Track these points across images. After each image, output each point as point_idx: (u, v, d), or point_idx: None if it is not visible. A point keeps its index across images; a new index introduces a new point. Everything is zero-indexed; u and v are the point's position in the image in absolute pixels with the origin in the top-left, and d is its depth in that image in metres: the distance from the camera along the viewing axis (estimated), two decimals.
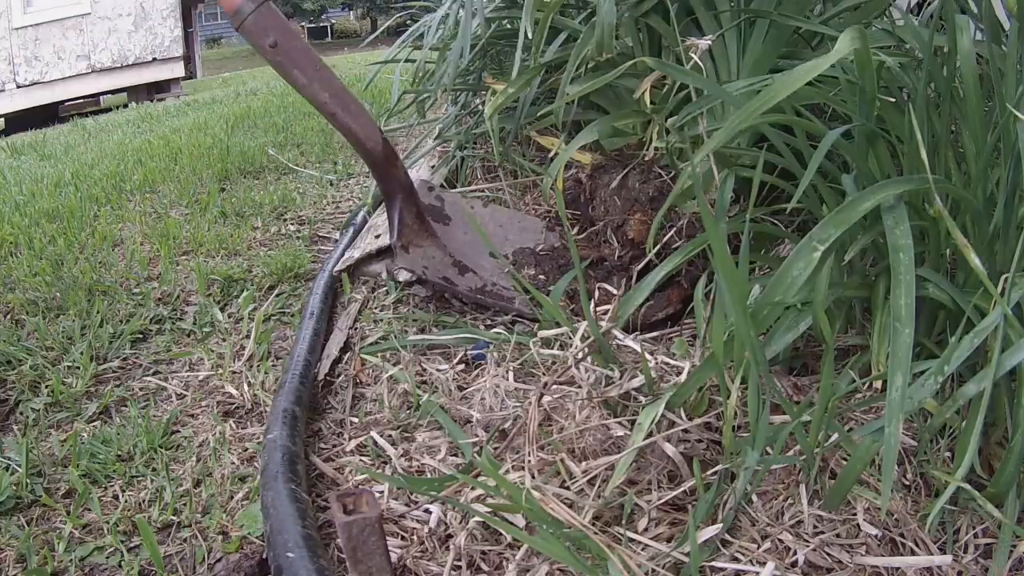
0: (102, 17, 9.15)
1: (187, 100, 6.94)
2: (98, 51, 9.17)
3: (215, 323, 1.61)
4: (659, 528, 0.89)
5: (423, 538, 0.93)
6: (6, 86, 8.68)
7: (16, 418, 1.31)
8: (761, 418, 0.89)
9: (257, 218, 2.30)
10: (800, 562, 0.83)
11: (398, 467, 1.07)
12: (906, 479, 0.92)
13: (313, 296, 1.58)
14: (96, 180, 2.96)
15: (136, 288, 1.79)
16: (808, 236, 0.91)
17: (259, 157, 3.08)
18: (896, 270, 0.85)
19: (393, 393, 1.26)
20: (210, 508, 1.03)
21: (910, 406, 0.84)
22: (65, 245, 2.12)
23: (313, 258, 1.93)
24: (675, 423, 0.97)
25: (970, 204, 0.98)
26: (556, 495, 0.90)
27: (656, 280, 1.24)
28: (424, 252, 1.55)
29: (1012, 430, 0.84)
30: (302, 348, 1.34)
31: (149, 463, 1.15)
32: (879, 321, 1.01)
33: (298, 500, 0.92)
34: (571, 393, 1.04)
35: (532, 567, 0.85)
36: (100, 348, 1.51)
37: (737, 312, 0.87)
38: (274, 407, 1.15)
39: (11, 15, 8.60)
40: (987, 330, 0.83)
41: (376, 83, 3.91)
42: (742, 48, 1.45)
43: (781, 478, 0.94)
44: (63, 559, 0.96)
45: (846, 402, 1.02)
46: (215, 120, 4.35)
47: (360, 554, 0.75)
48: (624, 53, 1.66)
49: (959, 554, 0.84)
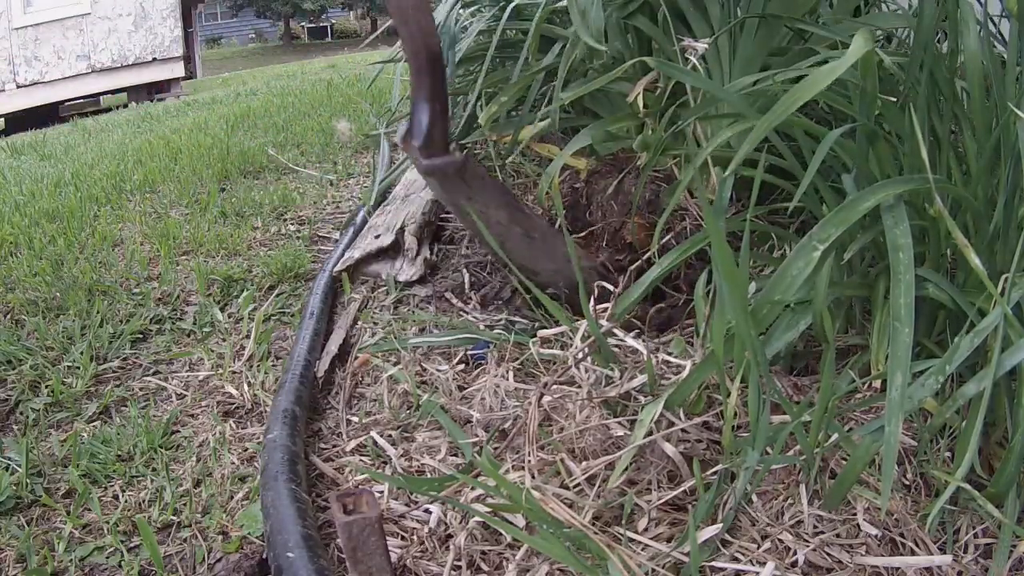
0: (102, 17, 9.15)
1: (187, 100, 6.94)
2: (98, 51, 9.17)
3: (215, 323, 1.61)
4: (659, 528, 0.89)
5: (423, 538, 0.93)
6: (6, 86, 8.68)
7: (16, 418, 1.31)
8: (761, 418, 0.89)
9: (257, 218, 2.30)
10: (800, 562, 0.83)
11: (398, 467, 1.07)
12: (906, 479, 0.92)
13: (313, 296, 1.58)
14: (96, 180, 2.96)
15: (136, 288, 1.79)
16: (808, 235, 0.91)
17: (259, 157, 3.08)
18: (896, 270, 0.85)
19: (393, 393, 1.26)
20: (210, 508, 1.03)
21: (910, 406, 0.84)
22: (65, 245, 2.12)
23: (313, 258, 1.93)
24: (674, 423, 0.97)
25: (970, 204, 0.98)
26: (556, 495, 0.90)
27: (653, 278, 1.23)
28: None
29: (1012, 430, 0.84)
30: (302, 348, 1.34)
31: (149, 463, 1.15)
32: (879, 321, 1.01)
33: (298, 500, 0.92)
34: (571, 393, 1.04)
35: (532, 567, 0.85)
36: (100, 348, 1.51)
37: (737, 311, 0.87)
38: (274, 407, 1.15)
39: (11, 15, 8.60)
40: (987, 330, 0.83)
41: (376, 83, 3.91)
42: (733, 47, 1.46)
43: (781, 478, 0.94)
44: (63, 559, 0.96)
45: (846, 402, 1.02)
46: (215, 120, 4.34)
47: (360, 554, 0.75)
48: (616, 58, 1.66)
49: (959, 554, 0.84)
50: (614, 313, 1.22)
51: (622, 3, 1.57)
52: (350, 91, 4.94)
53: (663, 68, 1.24)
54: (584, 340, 1.12)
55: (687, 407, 1.00)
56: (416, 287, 1.66)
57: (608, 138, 1.57)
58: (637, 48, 1.66)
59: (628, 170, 1.48)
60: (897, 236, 0.88)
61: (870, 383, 0.98)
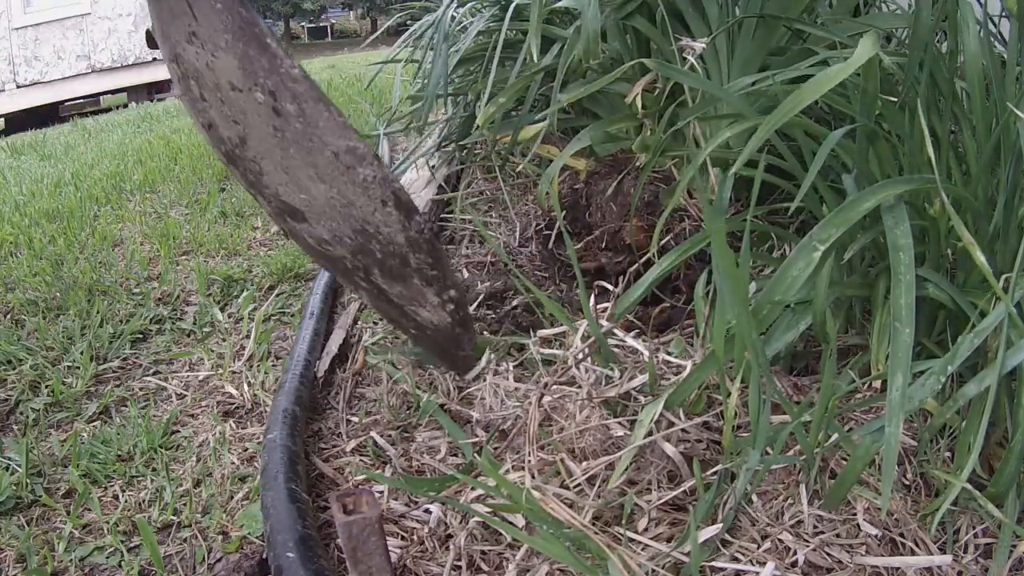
0: (102, 17, 9.15)
1: None
2: (98, 51, 9.16)
3: (215, 323, 1.61)
4: (659, 528, 0.89)
5: (423, 538, 0.93)
6: (6, 86, 8.67)
7: (16, 418, 1.31)
8: (761, 418, 0.89)
9: (257, 218, 2.30)
10: (800, 562, 0.83)
11: (398, 467, 1.07)
12: (906, 479, 0.92)
13: (313, 296, 1.58)
14: (96, 180, 2.96)
15: (136, 288, 1.79)
16: (808, 236, 0.91)
17: None
18: (896, 270, 0.85)
19: (393, 393, 1.25)
20: (210, 508, 1.03)
21: (910, 406, 0.84)
22: (65, 245, 2.12)
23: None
24: (674, 423, 0.97)
25: (970, 204, 0.98)
26: (556, 495, 0.89)
27: (652, 278, 1.23)
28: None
29: (1012, 430, 0.84)
30: (302, 348, 1.34)
31: (149, 463, 1.15)
32: (879, 321, 1.01)
33: (298, 500, 0.92)
34: (571, 393, 1.04)
35: (532, 567, 0.85)
36: (100, 348, 1.51)
37: (737, 311, 0.87)
38: (274, 407, 1.15)
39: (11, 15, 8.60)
40: (988, 330, 0.83)
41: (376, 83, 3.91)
42: (731, 47, 1.46)
43: (781, 478, 0.94)
44: (63, 559, 0.96)
45: (846, 402, 1.01)
46: None
47: (360, 554, 0.75)
48: (615, 59, 1.66)
49: (959, 554, 0.84)
50: (614, 313, 1.22)
51: (620, 4, 1.57)
52: (350, 91, 4.95)
53: (661, 69, 1.24)
54: (584, 340, 1.12)
55: (687, 407, 1.00)
56: None
57: (607, 139, 1.57)
58: (636, 49, 1.67)
59: (627, 171, 1.48)
60: (897, 236, 0.88)
61: (870, 383, 0.98)
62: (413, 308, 1.07)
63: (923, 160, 0.96)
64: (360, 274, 1.02)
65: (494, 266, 1.72)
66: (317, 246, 0.97)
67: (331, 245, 0.98)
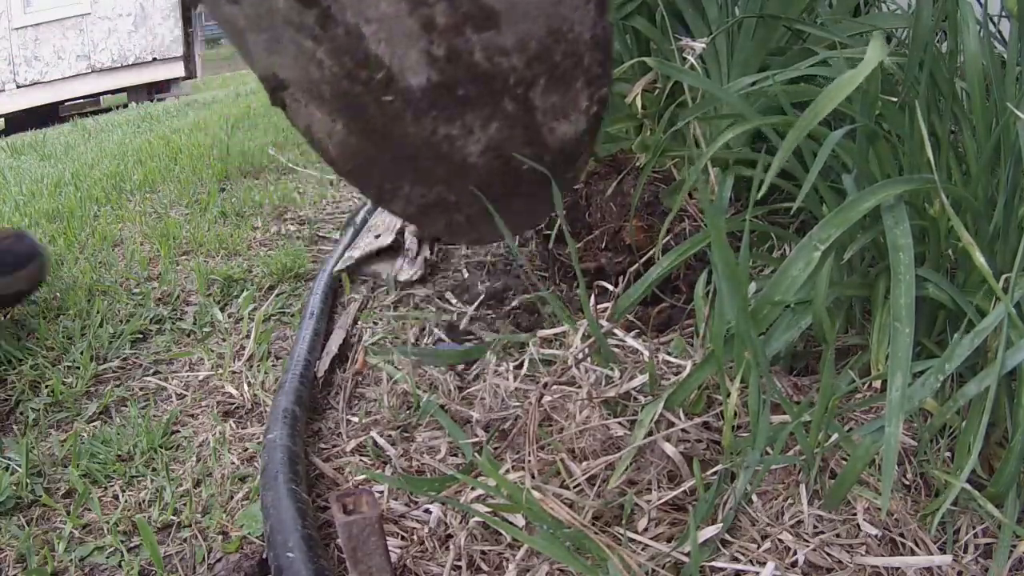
0: (102, 17, 9.15)
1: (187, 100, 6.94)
2: (98, 51, 9.17)
3: (215, 323, 1.61)
4: (659, 528, 0.89)
5: (423, 538, 0.93)
6: (6, 86, 8.68)
7: (16, 418, 1.31)
8: (761, 418, 0.89)
9: (257, 218, 2.30)
10: (800, 562, 0.83)
11: (398, 467, 1.07)
12: (906, 479, 0.92)
13: (313, 296, 1.58)
14: (96, 180, 2.96)
15: (136, 288, 1.79)
16: (808, 236, 0.91)
17: (259, 157, 3.08)
18: (896, 270, 0.85)
19: (393, 393, 1.26)
20: (210, 508, 1.03)
21: (910, 406, 0.84)
22: (65, 245, 2.12)
23: (313, 258, 1.93)
24: (674, 423, 0.97)
25: (970, 204, 0.98)
26: (556, 495, 0.90)
27: (653, 278, 1.23)
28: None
29: (1012, 430, 0.84)
30: (302, 348, 1.34)
31: (149, 463, 1.15)
32: (879, 321, 1.01)
33: (298, 500, 0.92)
34: (571, 393, 1.04)
35: (532, 567, 0.85)
36: (100, 348, 1.51)
37: (737, 311, 0.87)
38: (274, 407, 1.15)
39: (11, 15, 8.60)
40: (988, 330, 0.83)
41: None
42: (731, 47, 1.46)
43: (781, 478, 0.94)
44: (63, 559, 0.96)
45: (846, 402, 1.02)
46: (215, 120, 4.34)
47: (360, 554, 0.75)
48: (614, 59, 1.66)
49: (959, 554, 0.84)
50: (614, 313, 1.22)
51: (620, 4, 1.57)
52: None
53: (661, 68, 1.24)
54: (584, 340, 1.12)
55: (687, 407, 1.00)
56: (416, 287, 1.66)
57: (607, 139, 1.57)
58: (635, 49, 1.66)
59: (627, 171, 1.48)
60: (897, 236, 0.88)
61: (870, 383, 0.98)
62: (555, 123, 0.97)
63: (923, 160, 0.96)
64: (519, 90, 0.90)
65: (494, 266, 1.73)
66: (484, 60, 0.86)
67: (507, 55, 0.88)
